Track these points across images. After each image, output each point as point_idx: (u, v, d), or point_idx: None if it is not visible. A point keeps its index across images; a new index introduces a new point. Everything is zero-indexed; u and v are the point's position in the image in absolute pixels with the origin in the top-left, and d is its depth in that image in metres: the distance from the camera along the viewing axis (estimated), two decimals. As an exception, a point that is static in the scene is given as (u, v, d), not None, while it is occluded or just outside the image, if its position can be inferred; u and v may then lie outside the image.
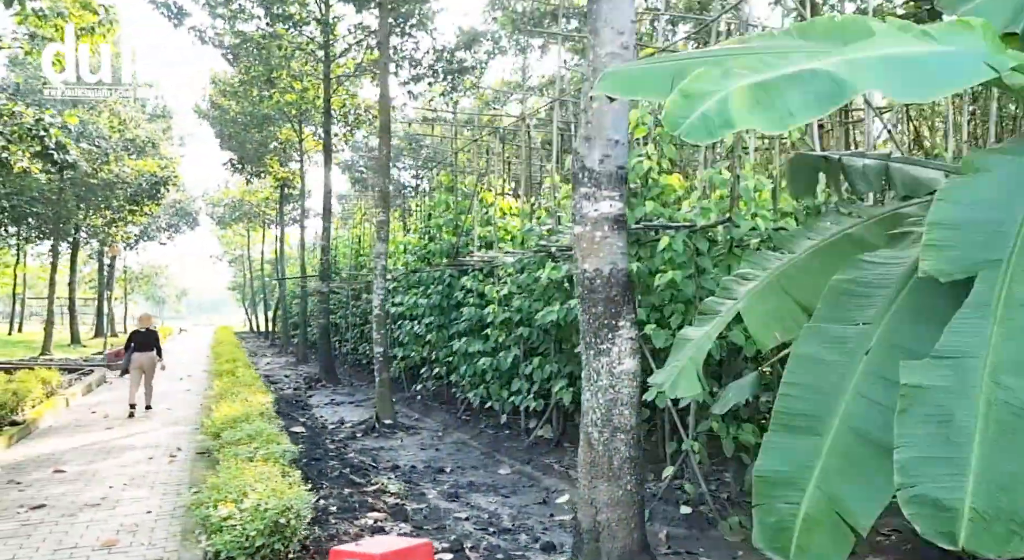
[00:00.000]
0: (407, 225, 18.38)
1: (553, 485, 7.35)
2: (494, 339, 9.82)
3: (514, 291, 9.41)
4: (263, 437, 7.28)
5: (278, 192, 34.51)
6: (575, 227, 4.71)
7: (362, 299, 19.61)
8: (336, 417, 12.25)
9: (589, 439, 4.62)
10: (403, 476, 7.89)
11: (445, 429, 10.82)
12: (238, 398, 10.19)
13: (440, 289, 12.05)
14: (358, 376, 18.73)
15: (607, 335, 4.55)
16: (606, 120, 4.54)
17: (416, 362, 15.04)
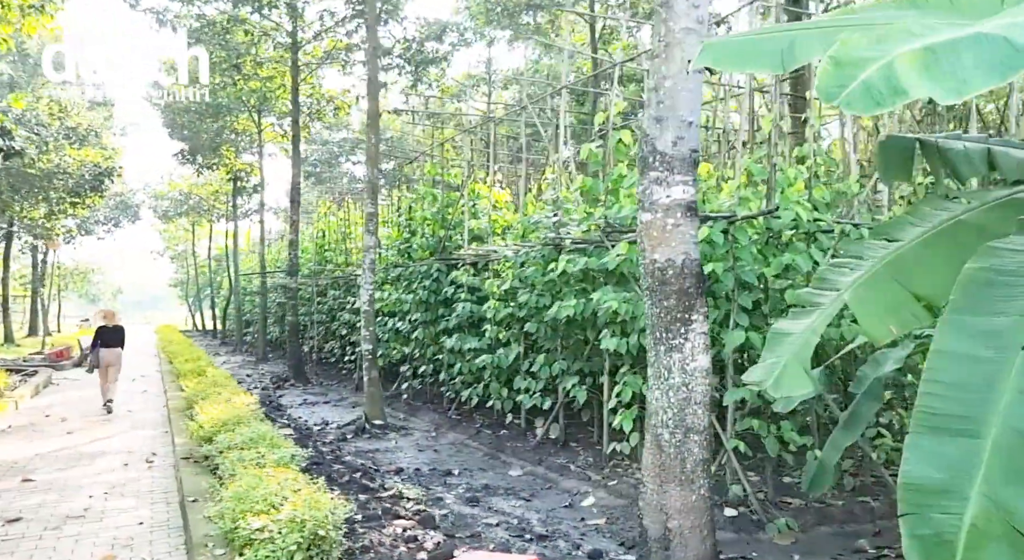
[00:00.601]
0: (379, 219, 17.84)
1: (574, 487, 7.05)
2: (493, 336, 9.46)
3: (516, 285, 9.07)
4: (267, 441, 6.79)
5: (230, 185, 33.43)
6: (642, 214, 4.40)
7: (328, 295, 18.98)
8: (316, 418, 11.71)
9: (659, 441, 4.32)
10: (410, 479, 7.48)
11: (437, 429, 10.41)
12: (219, 399, 9.62)
13: (427, 284, 11.62)
14: (326, 375, 18.10)
15: (679, 330, 4.26)
16: (680, 99, 4.25)
17: (396, 360, 14.57)
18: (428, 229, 12.26)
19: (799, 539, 5.43)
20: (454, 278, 11.19)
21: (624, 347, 6.62)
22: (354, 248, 18.72)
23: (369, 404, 10.41)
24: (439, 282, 11.62)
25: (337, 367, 18.49)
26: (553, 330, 8.53)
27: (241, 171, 29.04)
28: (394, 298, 12.67)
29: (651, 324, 4.37)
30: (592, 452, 8.23)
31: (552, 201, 9.39)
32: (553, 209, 9.25)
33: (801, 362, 3.44)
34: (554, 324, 8.48)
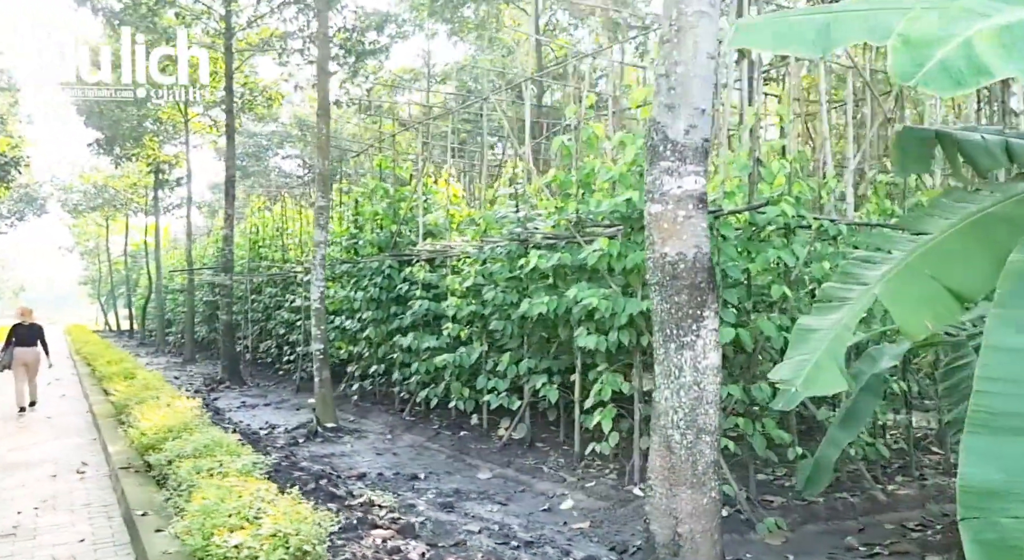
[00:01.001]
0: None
1: (549, 490, 6.83)
2: (454, 334, 9.15)
3: (480, 282, 8.80)
4: (224, 448, 6.31)
5: (150, 177, 31.86)
6: (651, 206, 4.21)
7: (264, 293, 18.23)
8: (259, 422, 11.12)
9: (668, 442, 4.14)
10: (375, 485, 7.11)
11: (392, 431, 10.02)
12: (157, 404, 9.00)
13: (379, 281, 11.19)
14: (262, 376, 17.36)
15: (691, 326, 4.09)
16: (693, 86, 4.07)
17: (342, 360, 14.07)
18: (378, 224, 11.83)
19: (789, 538, 5.36)
20: (409, 275, 10.82)
21: (603, 345, 6.43)
22: (291, 244, 18.04)
23: (320, 406, 9.94)
24: (391, 279, 11.22)
25: (274, 368, 17.76)
26: (520, 328, 8.30)
27: (165, 163, 27.66)
28: (341, 295, 12.18)
29: (660, 321, 4.19)
30: (561, 453, 8.04)
31: (516, 196, 9.15)
32: (517, 204, 9.02)
33: (834, 359, 3.31)
34: (521, 322, 8.25)
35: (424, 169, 11.15)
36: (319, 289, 10.12)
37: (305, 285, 15.29)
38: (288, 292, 16.86)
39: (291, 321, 16.29)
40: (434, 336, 9.95)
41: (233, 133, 16.61)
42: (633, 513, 5.99)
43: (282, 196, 20.14)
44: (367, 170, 13.97)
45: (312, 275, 10.19)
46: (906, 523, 5.71)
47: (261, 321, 18.60)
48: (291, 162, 40.39)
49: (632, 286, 6.71)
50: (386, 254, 11.41)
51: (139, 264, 49.37)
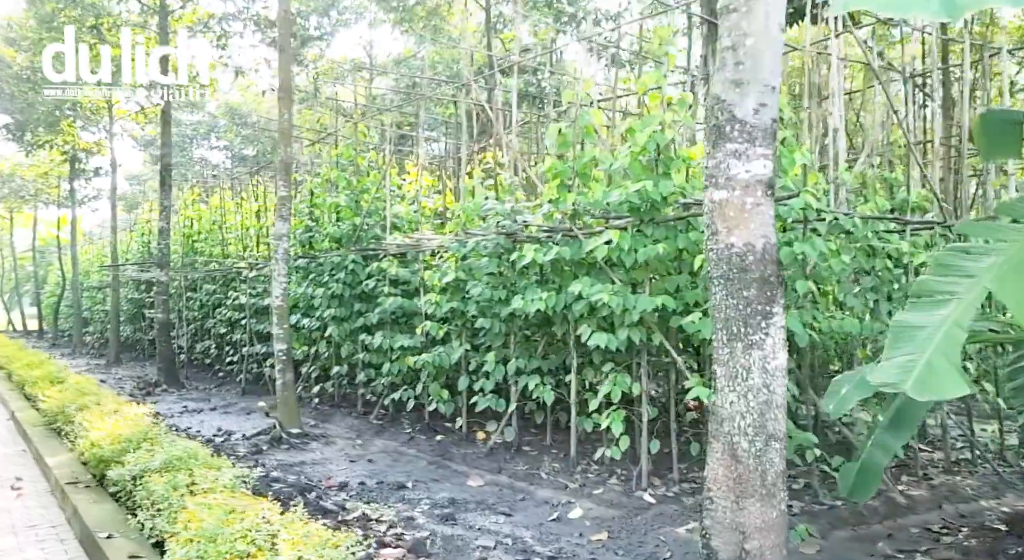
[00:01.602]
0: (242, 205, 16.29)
1: (551, 497, 6.42)
2: (432, 332, 8.62)
3: (462, 277, 8.31)
4: (199, 460, 5.66)
5: (63, 167, 29.84)
6: (714, 192, 3.86)
7: (201, 290, 17.17)
8: (209, 428, 10.30)
9: (734, 450, 3.80)
10: (359, 496, 6.55)
11: (361, 436, 9.41)
12: (101, 411, 8.18)
13: (342, 277, 10.55)
14: (200, 378, 16.31)
15: (760, 324, 3.76)
16: (764, 60, 3.74)
17: (297, 360, 13.31)
18: (338, 217, 11.16)
19: (823, 547, 5.12)
20: (376, 270, 10.23)
21: (612, 343, 6.07)
22: (232, 238, 17.04)
23: (284, 411, 9.24)
24: (355, 275, 10.59)
25: (212, 370, 16.74)
26: (507, 326, 7.87)
27: (84, 151, 25.86)
28: (299, 292, 11.45)
29: (724, 318, 3.84)
30: (552, 457, 7.65)
31: (504, 187, 8.73)
32: (502, 196, 8.60)
33: (950, 359, 3.03)
34: (509, 319, 7.82)
35: (390, 159, 10.56)
36: (281, 285, 9.41)
37: (250, 281, 14.43)
38: (230, 289, 15.92)
39: (233, 320, 15.37)
40: (406, 335, 9.41)
41: (169, 118, 15.51)
42: (652, 522, 5.65)
43: (220, 187, 19.05)
44: (323, 160, 13.23)
45: (273, 270, 9.47)
46: (929, 526, 5.57)
47: (198, 320, 17.52)
48: (218, 153, 38.66)
49: (640, 282, 6.38)
50: (349, 248, 10.77)
51: (47, 260, 46.44)
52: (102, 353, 25.77)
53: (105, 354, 24.96)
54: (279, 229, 9.44)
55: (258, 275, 14.40)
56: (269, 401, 12.69)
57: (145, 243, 23.64)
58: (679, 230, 6.18)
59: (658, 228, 6.17)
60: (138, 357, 22.78)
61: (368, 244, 10.87)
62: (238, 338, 15.06)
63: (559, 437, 8.44)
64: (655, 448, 6.31)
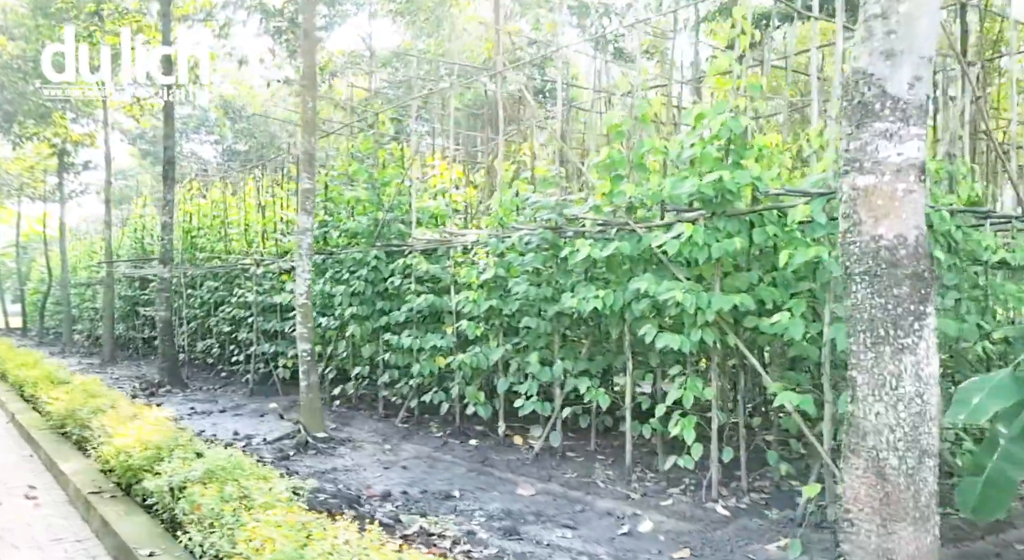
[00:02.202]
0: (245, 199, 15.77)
1: (614, 509, 6.00)
2: (469, 332, 8.17)
3: (501, 275, 7.89)
4: (245, 471, 5.20)
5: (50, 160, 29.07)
6: (858, 178, 3.46)
7: (203, 288, 16.60)
8: (222, 431, 9.79)
9: (881, 468, 3.40)
10: (406, 507, 6.12)
11: (388, 440, 8.95)
12: (118, 415, 7.68)
13: (363, 274, 10.08)
14: (202, 378, 15.73)
15: (912, 325, 3.37)
16: (919, 27, 3.35)
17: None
18: (359, 211, 10.69)
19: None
20: (400, 267, 9.77)
21: (685, 345, 5.67)
22: (235, 234, 16.48)
23: (308, 414, 8.76)
24: (378, 271, 10.13)
25: (214, 369, 16.17)
26: (553, 325, 7.45)
27: (76, 143, 25.12)
28: (316, 290, 10.96)
29: (868, 319, 3.44)
30: (603, 464, 7.25)
31: (545, 179, 8.31)
32: (541, 189, 8.18)
33: None
34: (555, 318, 7.40)
35: (415, 150, 10.10)
36: (305, 282, 8.92)
37: (256, 278, 13.91)
38: (234, 286, 15.37)
39: (238, 318, 14.83)
40: (437, 334, 8.97)
41: (172, 112, 14.93)
42: (735, 537, 5.26)
43: (223, 181, 18.49)
44: (339, 153, 12.74)
45: (297, 266, 8.98)
46: (1029, 541, 5.21)
47: (199, 318, 16.94)
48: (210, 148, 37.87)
49: (708, 279, 5.99)
50: (381, 244, 10.28)
51: (30, 256, 45.39)
52: (92, 352, 25.06)
53: (96, 353, 24.27)
54: (303, 223, 8.96)
55: (266, 271, 13.89)
56: (281, 403, 12.21)
57: (139, 239, 23.01)
58: (752, 224, 5.79)
59: (729, 221, 5.77)
60: (132, 356, 22.13)
61: (390, 240, 10.41)
62: (243, 337, 14.52)
63: (605, 442, 8.03)
64: (728, 457, 5.91)
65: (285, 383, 13.56)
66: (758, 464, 6.52)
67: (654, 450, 7.26)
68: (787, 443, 6.59)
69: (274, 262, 13.76)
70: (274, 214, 14.86)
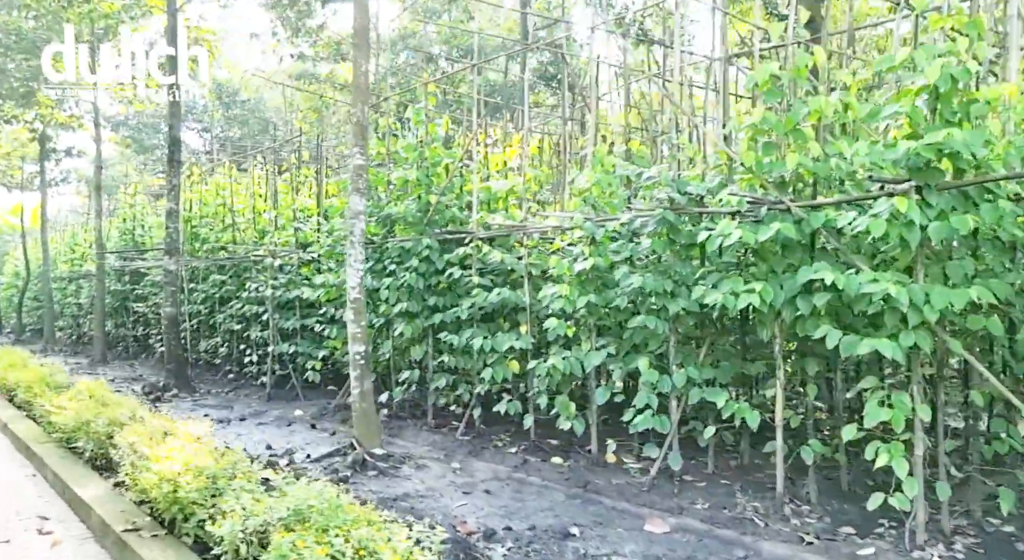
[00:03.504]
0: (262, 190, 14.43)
1: (791, 556, 4.83)
2: (560, 331, 6.94)
3: (601, 265, 6.69)
4: (345, 513, 3.97)
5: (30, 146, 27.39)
6: None
7: (208, 282, 15.21)
8: (253, 444, 8.46)
9: None
10: (520, 551, 4.91)
11: (452, 456, 7.71)
12: (145, 427, 6.40)
13: (415, 266, 8.83)
14: (208, 381, 14.32)
15: None
16: None
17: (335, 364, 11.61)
18: (401, 196, 9.44)
19: None
20: (461, 257, 8.55)
21: (896, 352, 4.49)
22: (244, 222, 15.12)
23: (363, 427, 7.50)
24: (430, 262, 8.88)
25: (220, 370, 14.77)
26: (671, 324, 6.26)
27: (63, 126, 23.45)
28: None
29: None
30: (741, 492, 6.07)
31: (639, 155, 7.14)
32: (643, 164, 7.00)
33: None
34: (676, 318, 6.22)
35: (479, 125, 8.86)
36: (358, 273, 7.64)
37: (271, 270, 12.59)
38: (244, 279, 14.02)
39: (249, 315, 13.48)
40: (511, 334, 7.75)
41: (178, 83, 13.51)
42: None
43: (226, 165, 17.09)
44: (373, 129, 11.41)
45: (348, 255, 7.69)
46: None
47: (202, 315, 15.53)
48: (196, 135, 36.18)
49: (912, 268, 4.83)
50: (421, 232, 9.05)
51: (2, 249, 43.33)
52: (76, 350, 23.48)
53: (81, 352, 22.72)
54: (355, 205, 7.69)
55: (284, 263, 12.58)
56: (308, 410, 10.92)
57: (128, 230, 21.51)
58: (973, 200, 4.66)
59: (942, 196, 4.62)
60: (122, 355, 20.63)
61: (442, 226, 9.18)
62: (256, 335, 13.18)
63: (723, 463, 6.87)
64: (945, 494, 4.76)
65: (308, 387, 12.28)
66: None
67: (794, 475, 6.12)
68: (994, 473, 5.42)
69: (292, 253, 12.45)
70: (292, 200, 13.54)
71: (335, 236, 10.77)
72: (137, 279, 20.10)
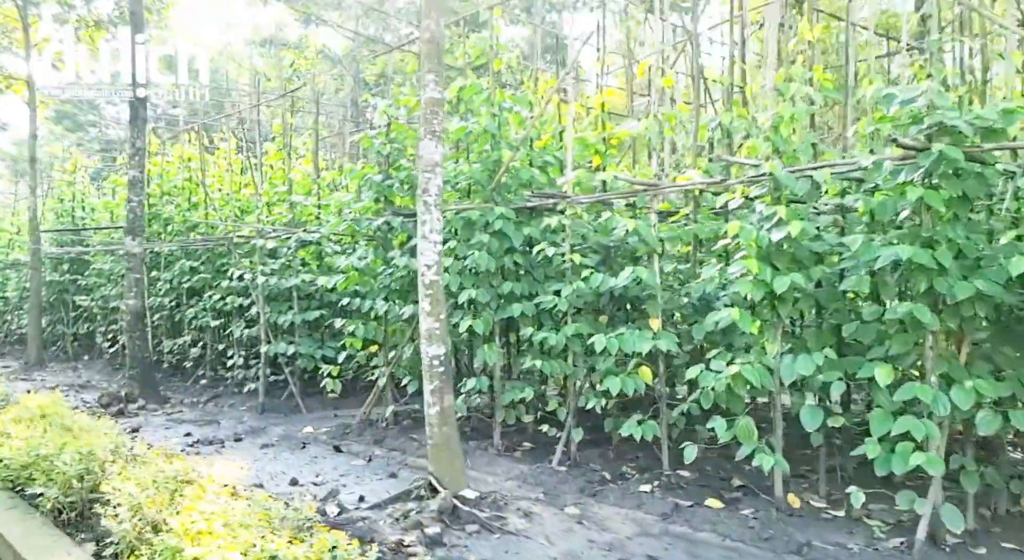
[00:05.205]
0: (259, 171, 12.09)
1: None
2: (744, 327, 4.95)
3: (810, 232, 4.75)
4: None
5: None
6: None
7: (175, 268, 12.71)
8: (272, 480, 6.23)
9: None
10: None
11: (555, 496, 5.64)
12: (145, 472, 4.21)
13: (486, 242, 6.75)
14: (179, 388, 11.79)
15: None
16: None
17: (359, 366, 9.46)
18: (475, 152, 7.35)
19: None
20: (547, 230, 6.52)
21: None
22: (220, 198, 12.71)
23: (444, 460, 5.36)
24: (504, 237, 6.81)
25: (194, 376, 12.26)
26: (947, 316, 4.36)
27: None
28: (401, 265, 7.56)
29: None
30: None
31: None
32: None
33: None
34: (955, 307, 4.31)
35: (577, 54, 6.82)
36: (435, 246, 5.50)
37: (261, 254, 10.28)
38: (224, 266, 11.63)
39: (230, 309, 11.10)
40: (643, 331, 5.74)
41: (141, 20, 11.00)
42: None
43: (191, 133, 14.60)
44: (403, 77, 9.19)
45: (422, 223, 5.52)
46: None
47: (168, 308, 12.99)
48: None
49: None
50: (489, 199, 6.98)
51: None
52: (2, 352, 20.36)
53: (8, 353, 19.64)
54: (429, 153, 5.54)
55: (280, 244, 10.28)
56: (318, 425, 8.69)
57: (66, 211, 18.63)
58: None
59: None
60: (59, 356, 17.74)
61: (514, 192, 7.13)
62: (242, 334, 10.83)
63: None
64: None
65: (306, 395, 10.05)
66: None
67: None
68: None
69: (290, 233, 10.18)
70: (284, 173, 11.23)
71: (355, 209, 8.56)
72: (80, 268, 17.32)
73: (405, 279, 7.77)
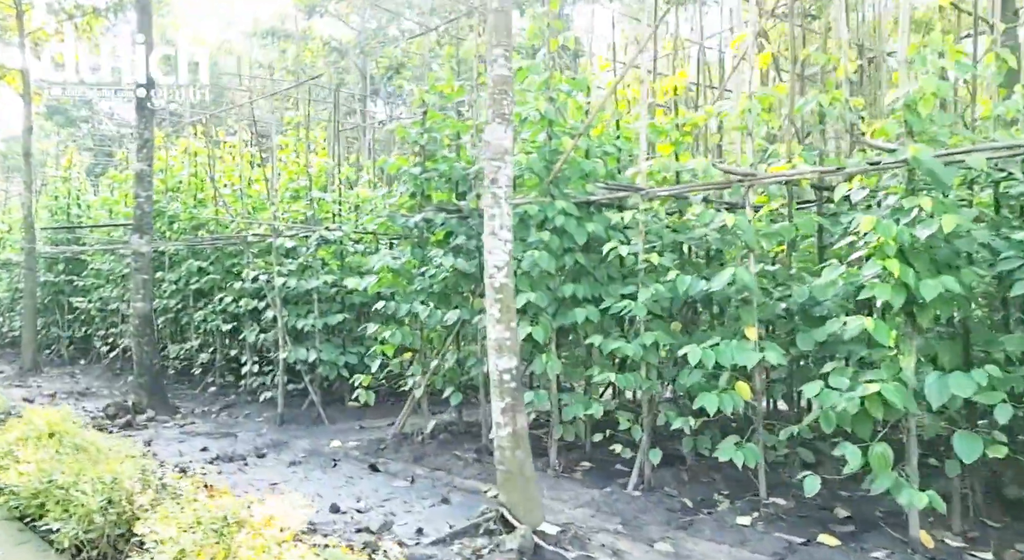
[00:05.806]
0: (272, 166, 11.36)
1: None
2: (880, 336, 4.26)
3: (965, 225, 4.07)
4: None
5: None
6: None
7: (183, 268, 11.94)
8: (304, 503, 5.52)
9: None
10: None
11: (636, 527, 4.92)
12: (189, 512, 3.47)
13: (546, 241, 6.05)
14: (188, 396, 11.01)
15: None
16: None
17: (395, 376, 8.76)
18: (530, 141, 6.64)
19: None
20: (614, 226, 5.82)
21: None
22: (231, 195, 11.96)
23: (518, 489, 4.63)
24: (565, 235, 6.11)
25: (203, 383, 11.48)
26: None
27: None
28: (447, 265, 6.85)
29: None
30: None
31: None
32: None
33: None
34: None
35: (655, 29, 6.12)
36: (506, 245, 4.78)
37: (277, 253, 9.55)
38: (235, 266, 10.89)
39: (243, 312, 10.35)
40: (741, 342, 5.05)
41: (150, 22, 10.26)
42: None
43: (199, 125, 13.84)
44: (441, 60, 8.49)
45: (490, 217, 4.79)
46: None
47: (174, 311, 12.22)
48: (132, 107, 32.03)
49: None
50: (545, 193, 6.28)
51: None
52: (-3, 356, 19.47)
53: (1, 357, 18.78)
54: (498, 139, 4.82)
55: (299, 243, 9.55)
56: (345, 439, 7.97)
57: (62, 208, 17.78)
58: None
59: None
60: (54, 361, 16.89)
61: (576, 186, 6.44)
62: (256, 339, 10.09)
63: None
64: None
65: (327, 405, 9.33)
66: None
67: None
68: None
69: (311, 230, 9.46)
70: (303, 167, 10.50)
71: (391, 205, 7.85)
72: (76, 268, 16.51)
73: (449, 280, 7.06)
